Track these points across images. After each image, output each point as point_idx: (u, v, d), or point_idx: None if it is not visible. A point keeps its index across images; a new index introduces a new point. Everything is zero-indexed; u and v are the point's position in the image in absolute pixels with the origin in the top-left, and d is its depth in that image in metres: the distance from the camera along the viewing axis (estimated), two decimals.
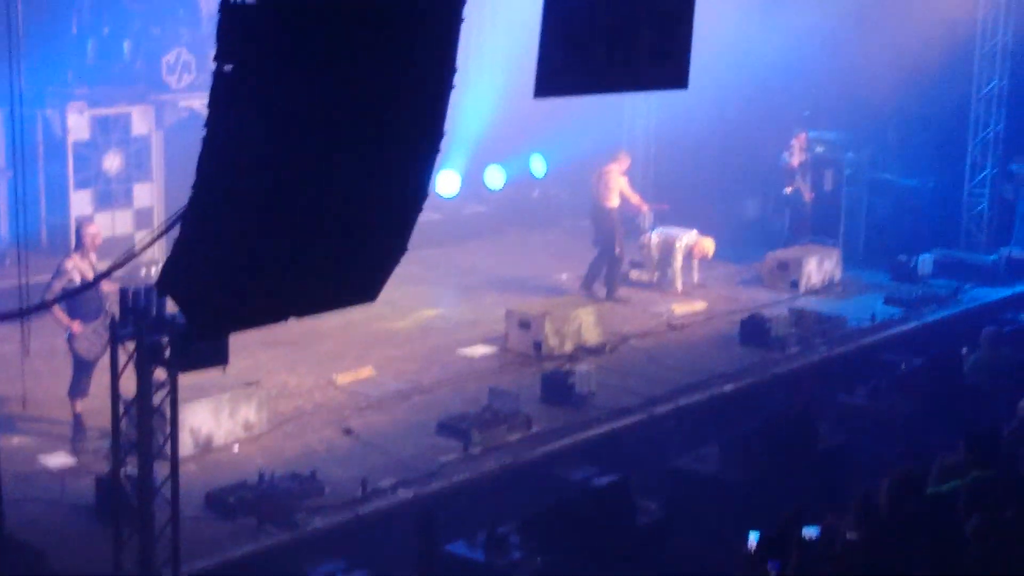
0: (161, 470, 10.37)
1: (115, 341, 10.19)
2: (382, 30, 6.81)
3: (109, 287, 12.71)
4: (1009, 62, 21.20)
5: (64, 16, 18.73)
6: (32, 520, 11.34)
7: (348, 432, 13.59)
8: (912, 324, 18.39)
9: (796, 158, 21.33)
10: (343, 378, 15.08)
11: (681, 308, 18.45)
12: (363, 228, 7.37)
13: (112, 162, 18.60)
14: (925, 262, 20.51)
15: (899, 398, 15.07)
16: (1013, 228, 21.40)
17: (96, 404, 12.67)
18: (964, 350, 15.82)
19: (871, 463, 13.25)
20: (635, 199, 19.39)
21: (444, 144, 7.50)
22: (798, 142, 21.32)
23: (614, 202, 18.87)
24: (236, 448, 13.07)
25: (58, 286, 12.80)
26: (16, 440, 13.10)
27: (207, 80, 6.61)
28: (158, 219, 18.38)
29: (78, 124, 18.20)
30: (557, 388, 14.66)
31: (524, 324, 16.27)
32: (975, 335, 16.06)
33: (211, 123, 6.47)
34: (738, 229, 22.40)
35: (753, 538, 9.47)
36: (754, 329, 17.03)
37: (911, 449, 13.27)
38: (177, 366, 10.08)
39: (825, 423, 14.46)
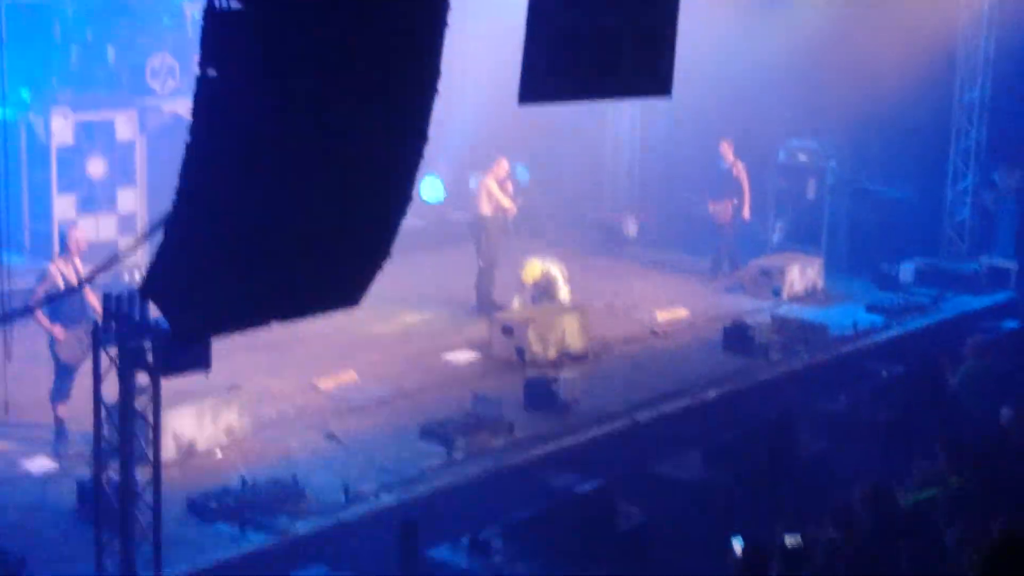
0: (143, 475, 10.37)
1: (98, 346, 10.19)
2: (367, 36, 6.83)
3: (92, 292, 12.70)
4: (991, 71, 21.23)
5: (48, 21, 18.71)
6: (13, 524, 11.34)
7: (330, 437, 13.58)
8: (893, 332, 18.44)
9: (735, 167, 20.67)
10: (325, 382, 15.07)
11: (664, 315, 18.46)
12: (347, 233, 7.39)
13: (96, 167, 18.58)
14: (907, 270, 20.57)
15: (880, 406, 15.10)
16: (994, 236, 21.45)
17: (78, 408, 12.63)
18: (946, 361, 15.82)
19: (852, 470, 13.27)
20: (505, 203, 18.61)
21: (428, 150, 7.52)
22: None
23: (484, 210, 18.48)
24: (218, 453, 13.06)
25: (41, 290, 12.79)
26: None
27: (191, 85, 6.63)
28: (142, 224, 18.36)
29: (62, 129, 18.17)
30: (540, 394, 14.68)
31: (507, 330, 16.27)
32: (956, 344, 16.09)
33: (195, 128, 6.48)
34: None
35: (737, 544, 9.49)
36: (737, 336, 17.06)
37: (891, 457, 13.30)
38: (160, 371, 10.08)
39: (806, 430, 14.48)
